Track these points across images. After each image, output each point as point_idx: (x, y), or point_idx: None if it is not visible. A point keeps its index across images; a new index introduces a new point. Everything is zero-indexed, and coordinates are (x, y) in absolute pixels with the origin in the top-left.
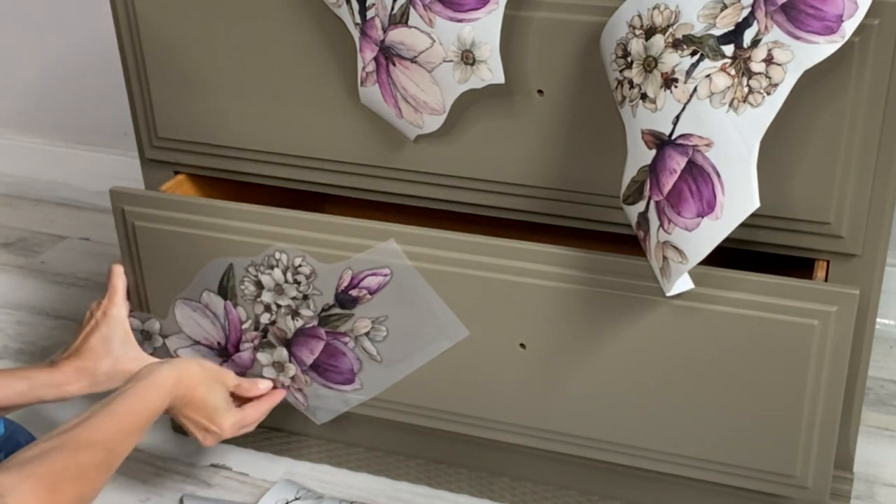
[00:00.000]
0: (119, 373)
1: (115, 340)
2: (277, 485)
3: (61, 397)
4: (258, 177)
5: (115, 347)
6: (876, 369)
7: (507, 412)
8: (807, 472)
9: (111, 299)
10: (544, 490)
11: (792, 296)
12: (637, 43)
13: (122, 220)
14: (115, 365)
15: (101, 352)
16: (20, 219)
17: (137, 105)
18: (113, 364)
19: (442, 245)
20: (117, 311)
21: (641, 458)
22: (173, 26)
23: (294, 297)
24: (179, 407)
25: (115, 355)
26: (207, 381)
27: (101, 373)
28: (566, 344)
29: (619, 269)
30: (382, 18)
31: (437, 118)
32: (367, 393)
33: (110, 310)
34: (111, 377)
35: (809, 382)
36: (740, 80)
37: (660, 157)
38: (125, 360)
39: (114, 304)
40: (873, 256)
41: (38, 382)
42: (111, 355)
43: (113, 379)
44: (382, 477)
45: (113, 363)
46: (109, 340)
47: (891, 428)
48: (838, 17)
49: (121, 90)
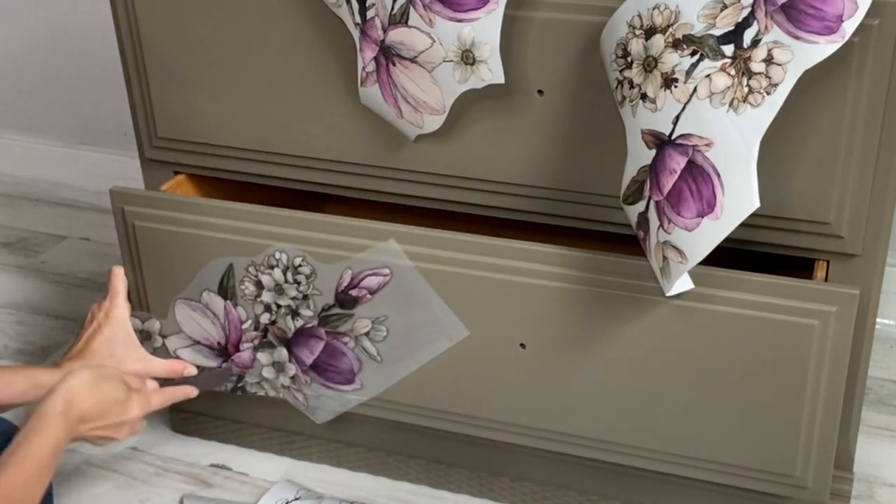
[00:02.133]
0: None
1: (118, 342)
2: (277, 485)
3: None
4: (258, 177)
5: (118, 349)
6: (876, 369)
7: (507, 412)
8: (807, 472)
9: (112, 300)
10: (544, 490)
11: (792, 296)
12: (637, 43)
13: (122, 219)
14: (119, 366)
15: (105, 353)
16: (20, 219)
17: (137, 105)
18: (117, 366)
19: (442, 245)
20: (119, 313)
21: (641, 458)
22: (173, 26)
23: (294, 297)
24: (82, 431)
25: (118, 357)
26: (96, 383)
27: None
28: (566, 344)
29: (619, 269)
30: (382, 18)
31: (437, 118)
32: (367, 393)
33: (112, 311)
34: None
35: (809, 382)
36: (740, 80)
37: (660, 157)
38: (129, 362)
39: (115, 305)
40: (873, 256)
41: (42, 383)
42: (115, 357)
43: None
44: (382, 477)
45: (116, 365)
46: (113, 342)
47: (891, 428)
48: (838, 17)
49: (121, 90)
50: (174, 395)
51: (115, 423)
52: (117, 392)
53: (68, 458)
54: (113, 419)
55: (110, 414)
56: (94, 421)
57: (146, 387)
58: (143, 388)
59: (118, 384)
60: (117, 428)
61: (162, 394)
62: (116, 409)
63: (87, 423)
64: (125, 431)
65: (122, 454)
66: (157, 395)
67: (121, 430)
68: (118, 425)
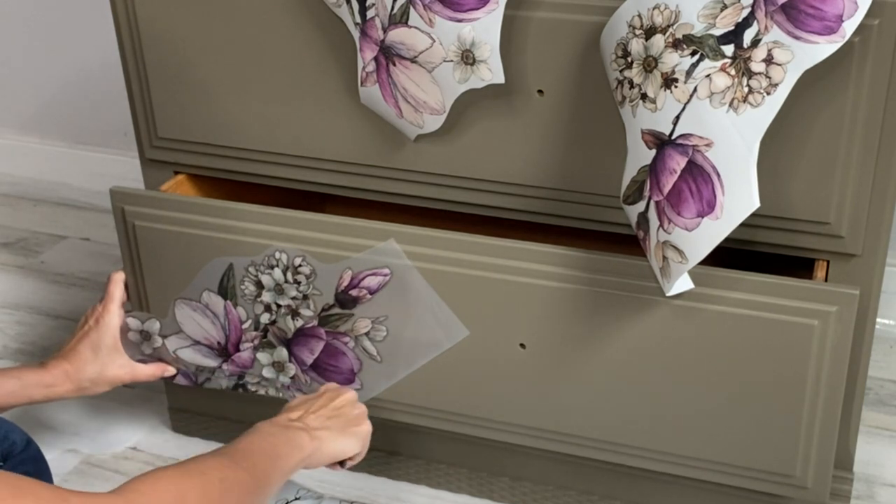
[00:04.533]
0: (104, 379)
1: (104, 348)
2: None
3: (50, 398)
4: (258, 177)
5: (102, 354)
6: (876, 369)
7: (507, 412)
8: (806, 472)
9: (106, 307)
10: (544, 490)
11: (792, 296)
12: (637, 43)
13: (122, 219)
14: (101, 371)
15: (88, 357)
16: (20, 219)
17: (137, 105)
18: (99, 370)
19: (442, 245)
20: (109, 319)
21: (641, 458)
22: (173, 27)
23: (294, 297)
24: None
25: (101, 361)
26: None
27: (85, 378)
28: (566, 344)
29: (619, 269)
30: (382, 18)
31: (437, 118)
32: (367, 393)
33: (103, 317)
34: (96, 382)
35: (809, 382)
36: (740, 80)
37: (660, 157)
38: (112, 367)
39: (108, 311)
40: (873, 256)
41: (28, 382)
42: (97, 361)
43: (98, 384)
44: (382, 477)
45: (99, 369)
46: (98, 347)
47: (891, 428)
48: (838, 17)
49: (121, 90)
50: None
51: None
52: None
53: (68, 458)
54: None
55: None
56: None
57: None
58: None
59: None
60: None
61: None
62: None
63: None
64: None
65: (122, 454)
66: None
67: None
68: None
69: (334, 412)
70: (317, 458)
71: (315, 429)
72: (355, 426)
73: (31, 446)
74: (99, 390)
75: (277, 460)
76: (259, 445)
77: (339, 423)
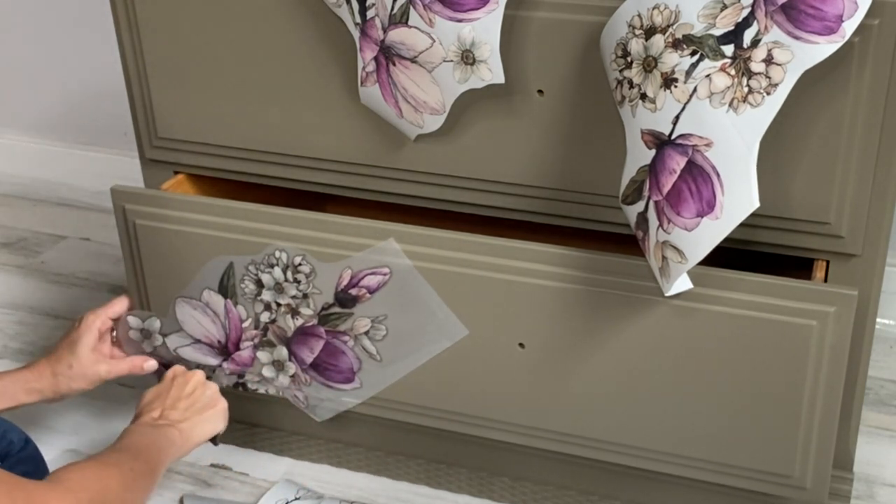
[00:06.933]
0: (82, 374)
1: (81, 345)
2: (277, 485)
3: (35, 397)
4: (258, 177)
5: (78, 350)
6: (876, 369)
7: (507, 412)
8: (805, 473)
9: (96, 310)
10: (544, 490)
11: (791, 296)
12: (637, 43)
13: (123, 218)
14: (78, 366)
15: (64, 353)
16: (20, 219)
17: (137, 105)
18: (75, 365)
19: (442, 245)
20: (92, 319)
21: (641, 458)
22: (173, 26)
23: (294, 296)
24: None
25: (77, 357)
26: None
27: (62, 373)
28: (566, 344)
29: (619, 269)
30: (382, 18)
31: (437, 118)
32: (366, 392)
33: (87, 318)
34: (73, 378)
35: (808, 383)
36: (740, 80)
37: (659, 157)
38: (88, 363)
39: (95, 312)
40: (873, 256)
41: (11, 380)
42: (73, 356)
43: (75, 379)
44: (382, 477)
45: (81, 367)
46: (74, 344)
47: (891, 428)
48: (838, 17)
49: (121, 90)
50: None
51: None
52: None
53: (68, 458)
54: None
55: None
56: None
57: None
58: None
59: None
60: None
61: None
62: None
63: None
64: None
65: None
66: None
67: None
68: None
69: (189, 400)
70: (188, 447)
71: (178, 421)
72: (212, 408)
73: (29, 445)
74: (78, 386)
75: (160, 453)
76: (143, 442)
77: (196, 409)
